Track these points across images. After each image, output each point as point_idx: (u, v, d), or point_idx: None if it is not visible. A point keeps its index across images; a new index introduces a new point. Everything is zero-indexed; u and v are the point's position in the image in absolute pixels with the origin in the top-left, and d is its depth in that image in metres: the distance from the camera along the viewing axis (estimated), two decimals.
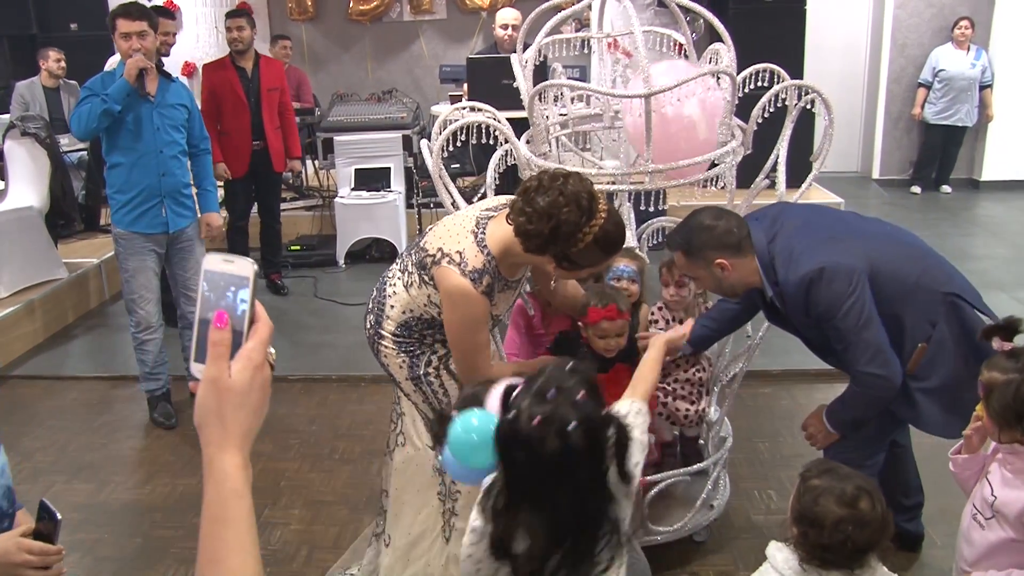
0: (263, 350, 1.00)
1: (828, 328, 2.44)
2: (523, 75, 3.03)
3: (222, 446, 0.97)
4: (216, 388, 0.97)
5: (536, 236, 2.18)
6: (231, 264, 0.99)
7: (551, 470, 1.58)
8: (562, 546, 1.61)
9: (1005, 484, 2.05)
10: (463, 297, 2.30)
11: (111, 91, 3.89)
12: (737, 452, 3.31)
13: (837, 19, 8.89)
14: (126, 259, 4.14)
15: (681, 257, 2.59)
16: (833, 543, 1.79)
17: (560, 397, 1.59)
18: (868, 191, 8.73)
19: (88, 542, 3.35)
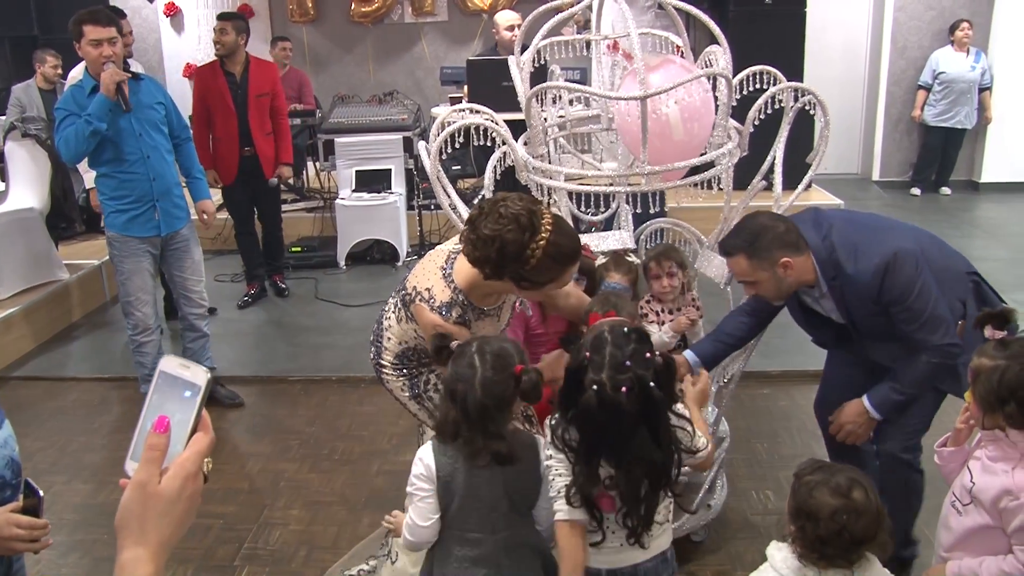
0: (199, 461, 0.99)
1: (901, 311, 2.53)
2: (520, 77, 3.04)
3: (136, 553, 0.95)
4: (143, 493, 0.96)
5: (487, 262, 2.23)
6: (187, 369, 0.99)
7: (632, 425, 1.89)
8: (646, 479, 1.93)
9: (984, 470, 2.08)
10: (436, 330, 2.35)
11: (92, 110, 3.81)
12: (735, 452, 3.32)
13: (837, 21, 8.90)
14: (121, 261, 4.13)
15: (743, 260, 2.60)
16: (829, 534, 1.81)
17: (635, 362, 1.88)
18: (868, 193, 8.74)
19: (87, 542, 3.37)
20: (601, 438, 1.92)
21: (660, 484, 1.96)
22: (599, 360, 1.90)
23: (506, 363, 2.00)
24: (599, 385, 1.87)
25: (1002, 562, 2.03)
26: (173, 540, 0.98)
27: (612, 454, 1.93)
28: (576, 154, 3.49)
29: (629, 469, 1.92)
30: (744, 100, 2.92)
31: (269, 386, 4.73)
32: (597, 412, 1.87)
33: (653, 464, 1.93)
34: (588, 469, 1.93)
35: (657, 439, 1.93)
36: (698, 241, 3.30)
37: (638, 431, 1.90)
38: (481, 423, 1.98)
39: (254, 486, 3.74)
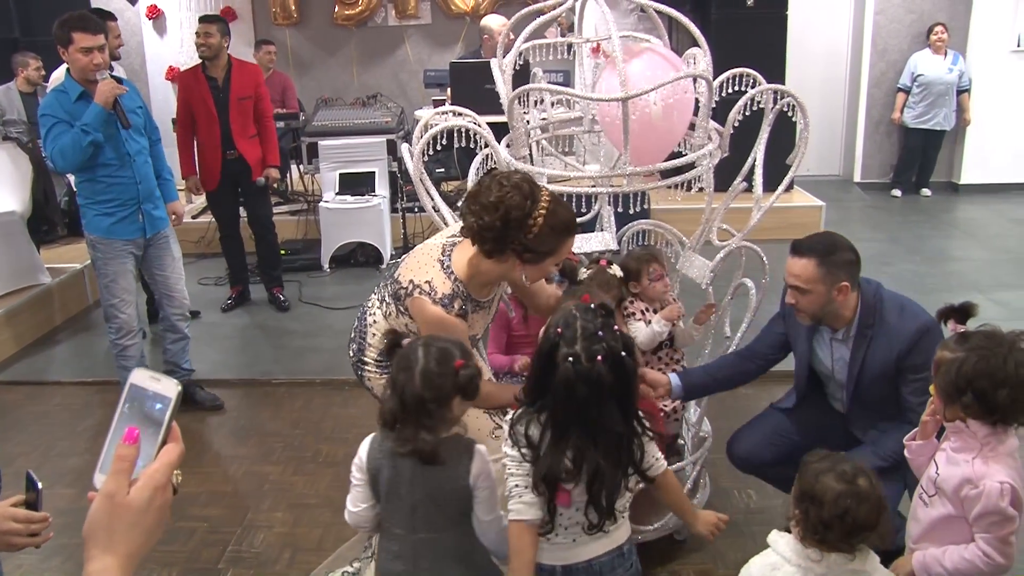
0: (168, 472, 0.99)
1: (916, 380, 2.59)
2: (503, 79, 3.05)
3: (103, 562, 0.95)
4: (111, 503, 0.96)
5: (490, 230, 2.27)
6: (157, 382, 1.00)
7: (607, 396, 1.90)
8: (613, 455, 1.94)
9: (948, 461, 2.14)
10: (440, 323, 2.37)
11: (89, 122, 3.80)
12: (717, 452, 3.33)
13: (818, 25, 8.96)
14: (105, 264, 4.11)
15: (812, 265, 2.63)
16: (832, 518, 1.85)
17: (606, 332, 1.91)
18: (850, 194, 8.81)
19: (70, 547, 3.35)
20: (577, 414, 1.91)
21: (625, 463, 1.98)
22: (571, 334, 1.92)
23: (448, 357, 2.03)
24: (574, 357, 1.88)
25: (964, 550, 2.09)
26: (142, 551, 0.97)
27: (586, 430, 1.93)
28: (559, 156, 3.51)
29: (601, 444, 1.92)
30: (725, 102, 2.95)
31: (253, 389, 4.72)
32: (576, 385, 1.88)
33: (621, 439, 1.96)
34: (556, 452, 1.93)
35: (626, 413, 1.96)
36: (680, 242, 3.32)
37: (610, 404, 1.92)
38: (416, 415, 2.00)
39: (238, 489, 3.73)
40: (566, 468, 1.92)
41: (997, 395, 2.03)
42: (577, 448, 1.92)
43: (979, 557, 2.06)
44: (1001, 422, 2.07)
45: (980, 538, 2.07)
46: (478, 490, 2.05)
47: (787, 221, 6.94)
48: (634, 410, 1.99)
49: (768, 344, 3.02)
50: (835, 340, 2.81)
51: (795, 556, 1.93)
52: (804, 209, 7.31)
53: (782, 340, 2.99)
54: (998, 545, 2.05)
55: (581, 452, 1.91)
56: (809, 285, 2.65)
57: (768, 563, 1.98)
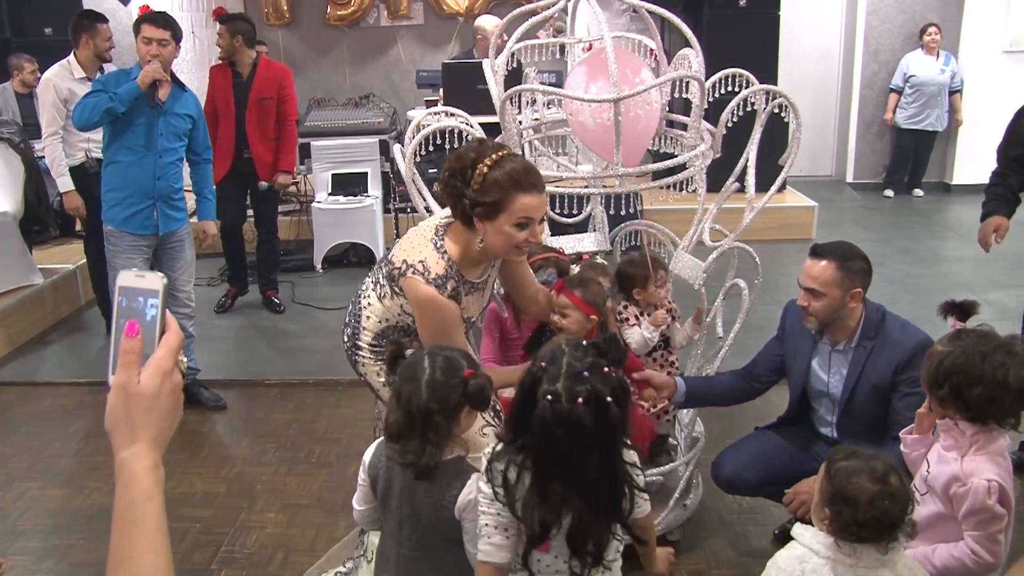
0: (172, 358, 1.03)
1: (912, 395, 2.61)
2: (495, 80, 3.06)
3: (131, 449, 1.00)
4: (125, 393, 1.01)
5: (445, 186, 2.31)
6: (143, 279, 1.04)
7: (588, 442, 1.74)
8: (597, 507, 1.80)
9: (939, 460, 2.17)
10: (432, 303, 2.36)
11: (120, 92, 3.97)
12: (710, 452, 3.34)
13: (810, 25, 8.99)
14: (115, 256, 4.19)
15: (831, 268, 2.69)
16: (868, 518, 1.85)
17: (593, 374, 1.76)
18: (842, 195, 8.83)
19: (62, 548, 3.35)
20: (556, 460, 1.76)
21: (611, 514, 1.84)
22: (554, 371, 1.77)
23: (455, 368, 1.97)
24: (553, 396, 1.74)
25: (953, 548, 2.10)
26: (164, 435, 1.02)
27: (569, 477, 1.77)
28: (551, 156, 3.51)
29: (584, 493, 1.78)
30: (717, 102, 2.96)
31: (246, 389, 4.72)
32: (552, 427, 1.73)
33: (607, 489, 1.81)
34: (538, 499, 1.79)
35: (610, 468, 1.81)
36: (672, 243, 3.33)
37: (592, 455, 1.77)
38: (423, 428, 1.92)
39: (231, 489, 3.73)
40: (546, 516, 1.78)
41: (971, 392, 2.07)
42: (560, 496, 1.77)
43: (967, 555, 2.08)
44: (978, 420, 2.09)
45: (968, 536, 2.08)
46: (465, 521, 1.95)
47: (780, 221, 6.97)
48: (619, 460, 1.83)
49: (765, 366, 3.07)
50: (835, 352, 2.85)
51: (824, 549, 1.92)
52: (797, 209, 7.34)
53: (778, 362, 3.04)
54: (986, 543, 2.07)
55: (563, 500, 1.77)
56: (826, 288, 2.69)
57: (795, 556, 1.97)
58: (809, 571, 1.92)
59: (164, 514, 1.00)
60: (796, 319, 2.95)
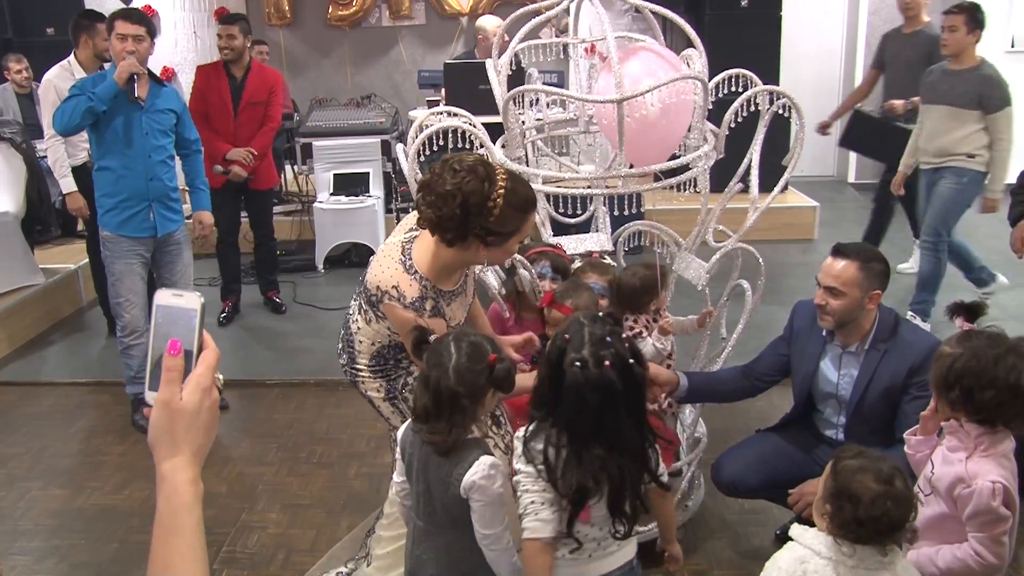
0: (211, 375, 1.08)
1: (920, 397, 2.60)
2: (498, 80, 3.05)
3: (173, 463, 1.06)
4: (168, 410, 1.05)
5: (450, 220, 2.18)
6: (180, 298, 1.09)
7: (619, 402, 1.87)
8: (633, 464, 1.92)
9: (944, 461, 2.16)
10: (407, 326, 2.31)
11: (99, 91, 3.92)
12: (712, 453, 3.33)
13: (812, 25, 8.98)
14: (113, 262, 4.15)
15: (852, 267, 2.71)
16: (869, 518, 1.85)
17: (614, 338, 1.90)
18: (844, 195, 8.82)
19: (63, 548, 3.34)
20: (593, 424, 1.88)
21: (643, 471, 1.96)
22: (578, 340, 1.89)
23: (481, 352, 2.01)
24: (582, 362, 1.86)
25: (956, 550, 2.10)
26: (203, 450, 1.09)
27: (605, 439, 1.89)
28: (554, 157, 3.51)
29: (621, 452, 1.90)
30: (720, 103, 2.95)
31: (247, 390, 4.71)
32: (586, 392, 1.85)
33: (638, 447, 1.94)
34: (579, 466, 1.88)
35: (637, 422, 1.93)
36: (676, 243, 3.32)
37: (624, 414, 1.89)
38: (450, 411, 1.98)
39: (232, 490, 3.72)
40: (591, 482, 1.88)
41: (983, 395, 2.06)
42: (599, 459, 1.88)
43: (971, 556, 2.07)
44: (988, 423, 2.08)
45: (972, 537, 2.08)
46: (472, 501, 2.00)
47: (782, 222, 6.96)
48: (645, 418, 1.97)
49: (769, 365, 3.06)
50: (846, 354, 2.84)
51: (826, 549, 1.92)
52: (799, 210, 7.33)
53: (783, 363, 3.04)
54: (990, 545, 2.06)
55: (603, 462, 1.88)
56: (846, 288, 2.70)
57: (796, 557, 1.96)
58: (811, 572, 1.92)
59: (202, 525, 1.06)
60: (805, 320, 2.94)
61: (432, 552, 2.12)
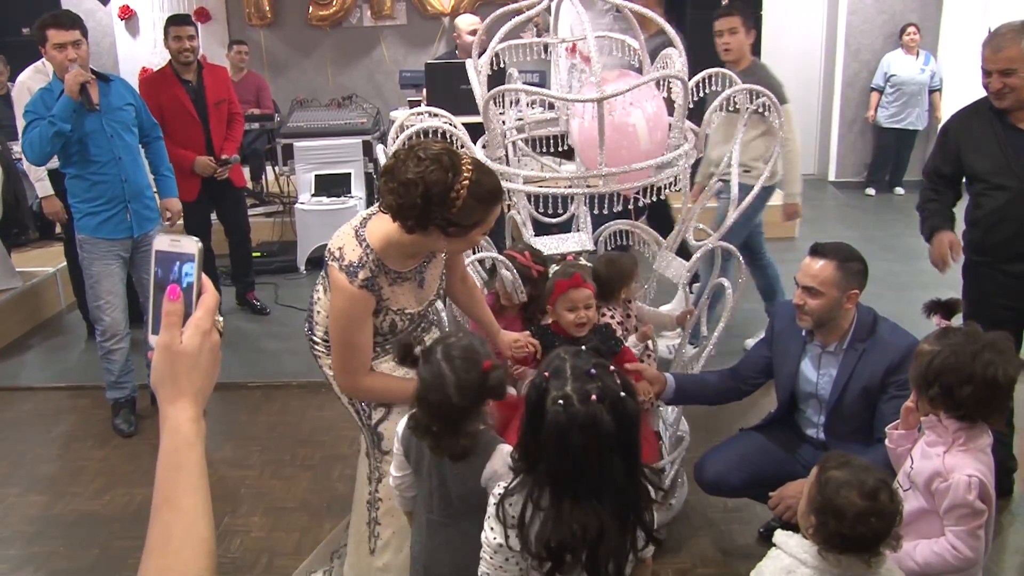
0: (210, 318, 1.10)
1: (898, 396, 2.59)
2: (478, 80, 3.05)
3: (176, 403, 1.07)
4: (169, 352, 1.07)
5: (411, 208, 2.13)
6: (178, 243, 1.11)
7: (609, 443, 1.65)
8: (619, 515, 1.70)
9: (922, 456, 2.18)
10: (339, 292, 2.31)
11: (56, 111, 3.78)
12: (694, 451, 3.34)
13: (792, 26, 9.02)
14: (91, 264, 4.09)
15: (830, 267, 2.72)
16: (854, 534, 1.85)
17: (600, 371, 1.69)
18: (824, 193, 8.87)
19: (42, 555, 3.31)
20: (576, 471, 1.66)
21: (633, 525, 1.75)
22: (560, 377, 1.70)
23: (475, 361, 1.97)
24: (565, 399, 1.66)
25: (934, 544, 2.12)
26: (205, 391, 1.10)
27: (588, 486, 1.67)
28: (535, 157, 3.50)
29: (606, 503, 1.68)
30: (700, 102, 2.96)
31: (229, 392, 4.68)
32: (569, 432, 1.64)
33: (627, 496, 1.72)
34: (560, 517, 1.68)
35: (630, 467, 1.71)
36: (656, 242, 3.33)
37: (612, 454, 1.67)
38: (455, 425, 1.96)
39: (214, 493, 3.59)
40: (565, 538, 1.67)
41: (962, 391, 2.08)
42: (580, 512, 1.66)
43: (948, 550, 2.09)
44: (967, 418, 2.10)
45: (949, 531, 2.10)
46: (492, 489, 1.94)
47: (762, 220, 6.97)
48: (639, 461, 1.74)
49: (752, 368, 3.08)
50: (825, 354, 2.85)
51: (811, 558, 1.92)
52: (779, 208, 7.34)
53: (765, 364, 3.05)
54: (966, 538, 2.08)
55: (584, 516, 1.66)
56: (824, 287, 2.71)
57: (782, 567, 1.96)
58: None
59: (204, 460, 1.07)
60: (786, 321, 2.95)
61: (449, 542, 2.11)
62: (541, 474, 1.71)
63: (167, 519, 1.03)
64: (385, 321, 2.40)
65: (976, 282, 3.35)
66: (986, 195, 3.21)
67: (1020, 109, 3.10)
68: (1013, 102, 3.08)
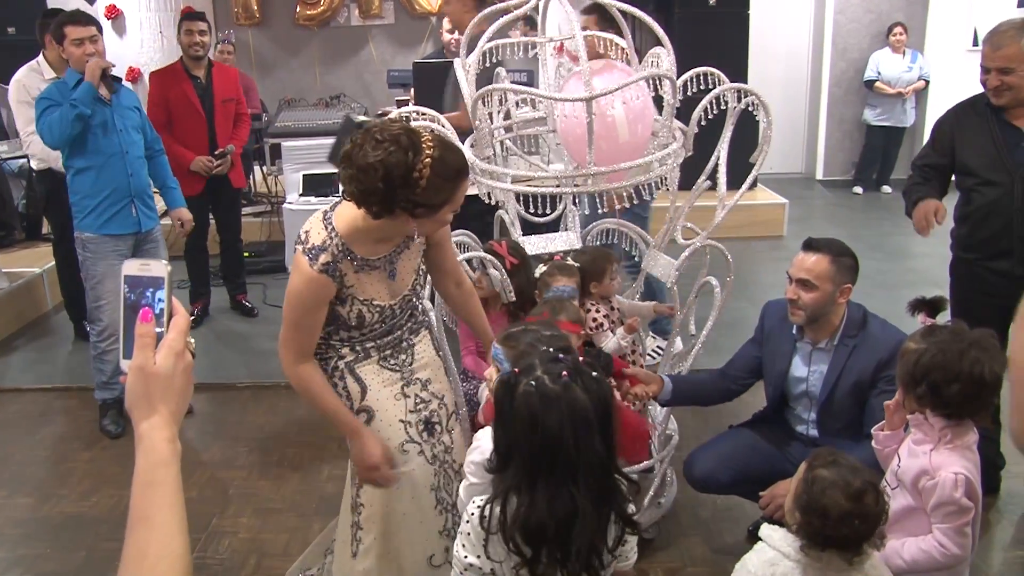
0: (182, 339, 1.12)
1: (888, 391, 2.59)
2: (466, 79, 3.04)
3: (151, 422, 1.08)
4: (143, 374, 1.08)
5: (373, 194, 2.07)
6: (148, 267, 1.13)
7: (586, 419, 1.61)
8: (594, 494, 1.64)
9: (910, 454, 2.19)
10: (298, 272, 2.26)
11: (78, 96, 3.86)
12: (684, 450, 3.35)
13: (780, 24, 9.05)
14: (95, 264, 4.07)
15: (824, 261, 2.74)
16: (838, 535, 1.87)
17: (568, 354, 1.69)
18: (812, 192, 8.91)
19: (30, 557, 3.29)
20: (552, 454, 1.61)
21: (609, 505, 1.69)
22: (528, 366, 1.67)
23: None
24: (536, 381, 1.62)
25: (921, 542, 2.13)
26: (179, 411, 1.11)
27: (564, 466, 1.61)
28: (523, 156, 3.50)
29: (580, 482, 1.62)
30: (688, 101, 2.96)
31: (217, 393, 4.66)
32: (542, 413, 1.59)
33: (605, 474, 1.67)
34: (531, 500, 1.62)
35: (609, 449, 1.66)
36: (644, 241, 3.33)
37: (589, 431, 1.62)
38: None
39: (203, 494, 3.68)
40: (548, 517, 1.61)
41: (950, 389, 2.09)
42: (554, 491, 1.61)
43: (935, 548, 2.10)
44: (954, 416, 2.11)
45: (936, 529, 2.11)
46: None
47: (751, 219, 7.00)
48: (615, 440, 1.68)
49: (742, 368, 3.09)
50: (816, 350, 2.86)
51: (794, 552, 1.94)
52: (768, 207, 7.38)
53: (755, 364, 3.06)
54: (953, 536, 2.09)
55: (558, 494, 1.61)
56: (818, 281, 2.73)
57: (766, 560, 1.98)
58: (779, 575, 1.94)
59: (180, 481, 1.08)
60: (776, 319, 2.96)
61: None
62: (517, 467, 1.66)
63: (142, 536, 1.03)
64: (352, 312, 2.34)
65: (963, 279, 3.37)
66: (976, 191, 3.23)
67: (1017, 106, 3.12)
68: (1010, 100, 3.10)
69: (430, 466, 2.48)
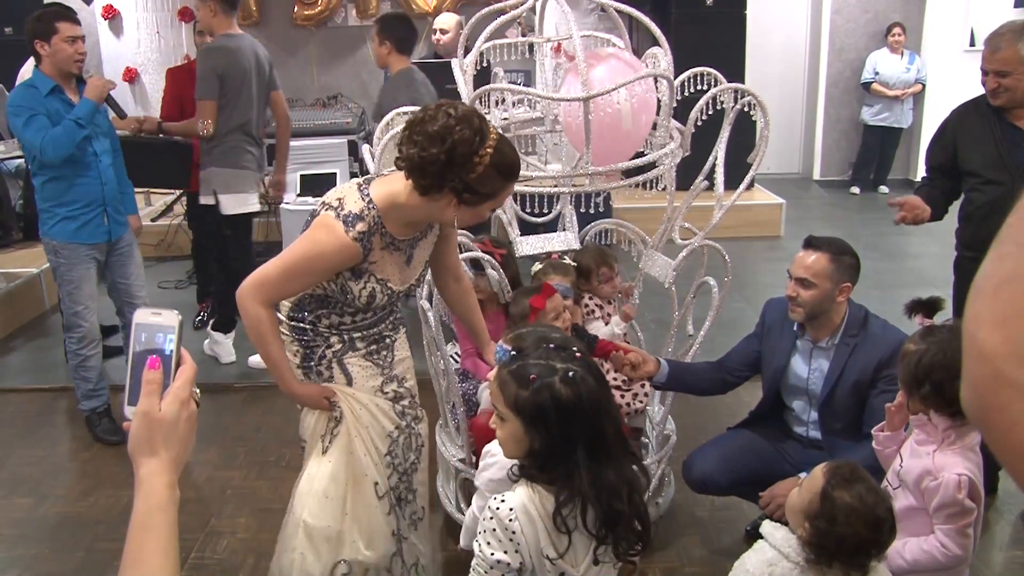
0: (188, 388, 1.14)
1: (888, 391, 2.60)
2: (464, 80, 3.04)
3: (151, 467, 1.10)
4: (148, 419, 1.10)
5: (432, 164, 2.07)
6: (159, 315, 1.15)
7: (600, 412, 1.71)
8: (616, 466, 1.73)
9: (912, 454, 2.19)
10: (324, 231, 2.21)
11: (83, 116, 3.80)
12: (681, 450, 3.35)
13: (777, 24, 9.05)
14: (69, 270, 4.00)
15: (824, 259, 2.75)
16: (850, 549, 1.88)
17: (561, 341, 1.77)
18: (809, 192, 8.91)
19: (27, 558, 3.29)
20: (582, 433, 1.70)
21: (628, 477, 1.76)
22: (546, 365, 1.71)
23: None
24: (560, 375, 1.69)
25: (923, 542, 2.13)
26: (181, 459, 1.13)
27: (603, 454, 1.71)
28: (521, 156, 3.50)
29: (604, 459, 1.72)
30: (685, 101, 2.96)
31: (215, 394, 4.66)
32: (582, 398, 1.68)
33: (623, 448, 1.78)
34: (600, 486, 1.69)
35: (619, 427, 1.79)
36: (642, 241, 3.33)
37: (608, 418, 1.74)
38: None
39: (200, 495, 3.68)
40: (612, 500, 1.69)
41: (953, 387, 2.07)
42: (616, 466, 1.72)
43: (937, 548, 2.10)
44: (958, 415, 2.11)
45: (939, 529, 2.11)
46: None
47: (748, 219, 7.01)
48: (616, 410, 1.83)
49: (740, 360, 3.09)
50: (816, 349, 2.87)
51: (794, 553, 1.94)
52: (764, 207, 7.39)
53: (754, 358, 3.06)
54: (956, 536, 2.09)
55: (620, 468, 1.72)
56: (818, 279, 2.74)
57: (765, 560, 1.98)
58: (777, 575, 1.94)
59: (176, 528, 1.10)
60: (776, 316, 2.97)
61: None
62: (575, 463, 1.70)
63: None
64: (365, 289, 2.32)
65: (966, 278, 3.37)
66: (979, 190, 3.26)
67: (1017, 107, 3.14)
68: (1007, 101, 3.12)
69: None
